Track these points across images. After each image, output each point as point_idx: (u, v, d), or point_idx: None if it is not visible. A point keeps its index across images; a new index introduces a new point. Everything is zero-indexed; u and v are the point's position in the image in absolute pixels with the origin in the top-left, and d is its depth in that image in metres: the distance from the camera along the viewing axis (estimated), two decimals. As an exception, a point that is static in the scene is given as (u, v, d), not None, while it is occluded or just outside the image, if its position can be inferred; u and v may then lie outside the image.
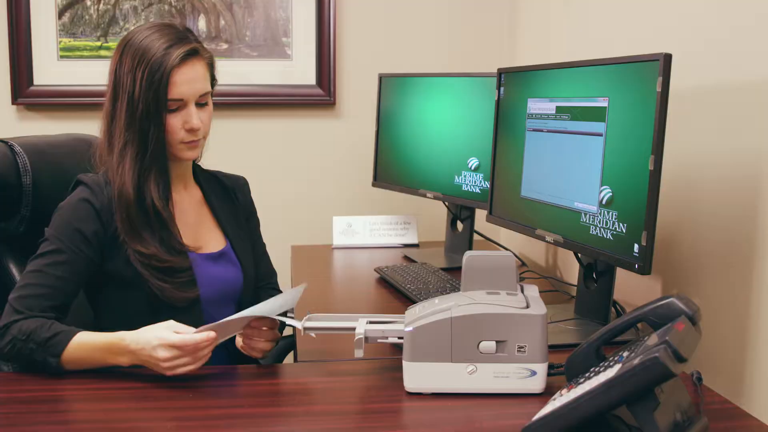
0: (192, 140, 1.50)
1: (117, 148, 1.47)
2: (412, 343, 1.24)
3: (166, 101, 1.44)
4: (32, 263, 1.42)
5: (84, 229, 1.44)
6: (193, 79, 1.47)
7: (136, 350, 1.29)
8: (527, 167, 1.79)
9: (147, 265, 1.46)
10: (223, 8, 2.65)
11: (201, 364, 1.30)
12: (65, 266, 1.42)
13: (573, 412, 1.00)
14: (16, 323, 1.35)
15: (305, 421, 1.20)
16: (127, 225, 1.46)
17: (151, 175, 1.48)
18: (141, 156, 1.46)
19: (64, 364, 1.33)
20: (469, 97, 2.19)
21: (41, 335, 1.33)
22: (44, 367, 1.33)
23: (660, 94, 1.33)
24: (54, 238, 1.43)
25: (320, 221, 2.68)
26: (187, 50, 1.45)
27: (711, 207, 1.48)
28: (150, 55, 1.43)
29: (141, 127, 1.45)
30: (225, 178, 1.71)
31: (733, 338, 1.40)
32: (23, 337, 1.33)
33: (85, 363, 1.34)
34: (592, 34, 2.03)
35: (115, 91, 1.48)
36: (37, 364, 1.34)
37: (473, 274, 1.31)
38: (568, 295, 1.94)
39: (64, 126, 2.10)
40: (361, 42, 2.71)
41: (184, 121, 1.48)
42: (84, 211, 1.45)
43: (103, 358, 1.33)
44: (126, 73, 1.45)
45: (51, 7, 2.57)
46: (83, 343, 1.33)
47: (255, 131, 2.70)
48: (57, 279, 1.41)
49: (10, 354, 1.35)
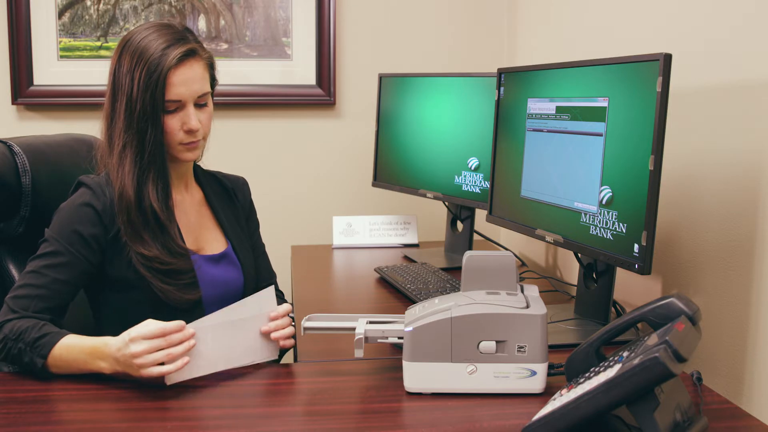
0: (191, 141, 1.49)
1: (116, 150, 1.47)
2: (412, 343, 1.24)
3: (163, 102, 1.44)
4: (31, 264, 1.42)
5: (84, 231, 1.44)
6: (191, 79, 1.46)
7: (114, 353, 1.26)
8: (527, 167, 1.79)
9: (149, 268, 1.45)
10: (223, 8, 2.65)
11: (179, 363, 1.24)
12: (63, 268, 1.42)
13: (573, 412, 1.00)
14: (9, 322, 1.35)
15: (305, 421, 1.20)
16: (128, 227, 1.45)
17: (150, 177, 1.47)
18: (140, 158, 1.46)
19: (50, 367, 1.32)
20: (469, 97, 2.19)
21: (31, 335, 1.32)
22: (31, 369, 1.32)
23: (660, 94, 1.33)
24: (53, 239, 1.43)
25: (320, 221, 2.68)
26: (185, 50, 1.45)
27: (711, 207, 1.47)
28: (148, 55, 1.43)
29: (139, 128, 1.44)
30: (225, 179, 1.71)
31: (733, 338, 1.40)
32: (14, 336, 1.33)
33: (69, 367, 1.32)
34: (592, 34, 2.03)
35: (114, 92, 1.47)
36: (24, 365, 1.33)
37: (473, 274, 1.31)
38: (568, 295, 1.93)
39: (63, 126, 2.11)
40: (361, 42, 2.71)
41: (182, 123, 1.47)
42: (85, 214, 1.45)
43: (85, 362, 1.31)
44: (124, 74, 1.45)
45: (51, 7, 2.57)
46: (69, 346, 1.32)
47: (255, 131, 2.70)
48: (54, 281, 1.40)
49: (1, 353, 1.35)
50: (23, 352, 1.32)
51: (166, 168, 1.50)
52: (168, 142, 1.48)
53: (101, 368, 1.30)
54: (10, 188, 1.59)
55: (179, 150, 1.50)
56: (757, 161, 1.34)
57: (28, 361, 1.32)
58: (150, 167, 1.47)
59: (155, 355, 1.24)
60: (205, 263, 1.56)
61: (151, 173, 1.47)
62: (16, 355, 1.33)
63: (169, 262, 1.47)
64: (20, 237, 1.62)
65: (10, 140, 1.64)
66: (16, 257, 1.63)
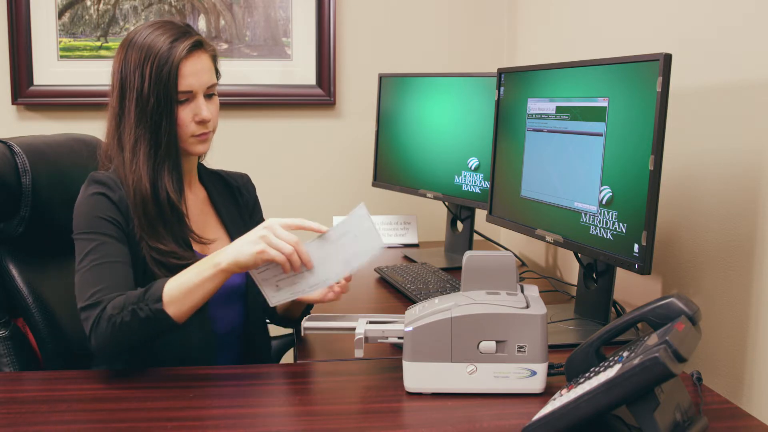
0: (202, 132, 1.50)
1: (129, 146, 1.47)
2: (412, 343, 1.24)
3: (176, 93, 1.45)
4: (79, 270, 1.39)
5: (106, 215, 1.43)
6: (201, 70, 1.48)
7: (232, 244, 1.33)
8: (527, 167, 1.79)
9: (162, 264, 1.45)
10: (223, 8, 2.65)
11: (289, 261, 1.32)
12: (109, 253, 1.39)
13: (573, 412, 1.00)
14: (104, 309, 1.32)
15: (305, 421, 1.20)
16: (144, 221, 1.45)
17: (165, 169, 1.48)
18: (154, 151, 1.47)
19: (168, 306, 1.30)
20: (469, 97, 2.19)
21: (133, 297, 1.31)
22: (151, 325, 1.29)
23: (660, 94, 1.33)
24: (83, 237, 1.41)
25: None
26: (193, 42, 1.47)
27: (711, 207, 1.48)
28: (156, 50, 1.44)
29: (153, 121, 1.45)
30: (229, 177, 1.71)
31: (733, 338, 1.40)
32: (117, 310, 1.30)
33: (186, 291, 1.30)
34: (591, 34, 2.03)
35: (122, 90, 1.47)
36: (142, 323, 1.29)
37: (473, 274, 1.31)
38: (568, 295, 1.93)
39: (63, 126, 2.10)
40: (361, 42, 2.71)
41: (194, 114, 1.48)
42: (102, 202, 1.44)
43: (199, 273, 1.31)
44: (132, 71, 1.45)
45: (51, 7, 2.57)
46: (176, 278, 1.32)
47: (255, 131, 2.70)
48: (110, 268, 1.38)
49: (113, 333, 1.30)
50: (136, 311, 1.29)
51: (180, 160, 1.51)
52: (180, 135, 1.49)
53: (218, 264, 1.31)
54: (10, 188, 1.59)
55: (191, 142, 1.51)
56: (757, 161, 1.34)
57: (145, 314, 1.29)
58: (165, 160, 1.47)
59: (284, 245, 1.31)
60: None
61: (166, 165, 1.48)
62: (128, 322, 1.30)
63: (183, 255, 1.47)
64: (20, 237, 1.62)
65: (10, 140, 1.63)
66: (16, 257, 1.63)
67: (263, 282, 1.36)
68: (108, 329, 1.30)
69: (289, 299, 1.36)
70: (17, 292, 1.59)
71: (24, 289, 1.60)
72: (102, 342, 1.32)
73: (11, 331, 1.57)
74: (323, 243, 1.38)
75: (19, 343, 1.57)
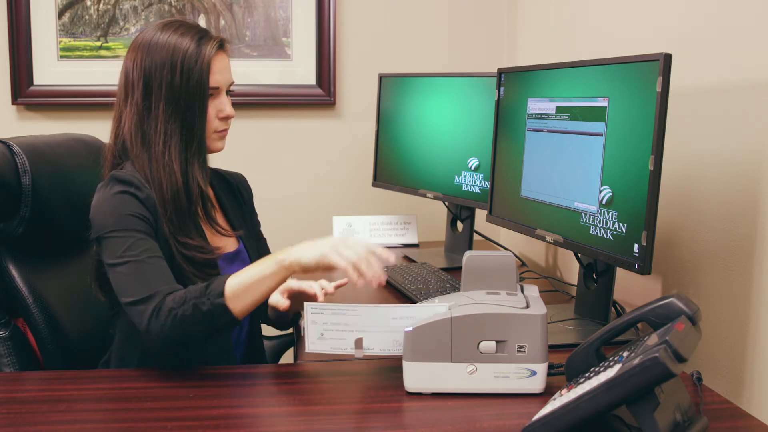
0: (224, 129, 1.54)
1: (159, 141, 1.46)
2: (412, 343, 1.24)
3: (208, 88, 1.48)
4: (118, 265, 1.36)
5: (138, 213, 1.40)
6: (225, 68, 1.53)
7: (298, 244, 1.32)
8: (527, 167, 1.79)
9: (189, 259, 1.44)
10: (223, 8, 2.65)
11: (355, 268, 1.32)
12: (147, 246, 1.38)
13: (573, 412, 1.00)
14: (163, 301, 1.30)
15: (305, 421, 1.20)
16: (174, 216, 1.45)
17: (196, 164, 1.49)
18: (187, 146, 1.48)
19: (230, 301, 1.29)
20: (469, 97, 2.19)
21: (195, 291, 1.30)
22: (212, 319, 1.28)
23: (660, 94, 1.33)
24: (119, 235, 1.38)
25: (320, 221, 2.67)
26: (219, 41, 1.51)
27: (711, 207, 1.48)
28: (184, 47, 1.46)
29: (185, 117, 1.47)
30: (228, 176, 1.72)
31: (733, 338, 1.40)
32: (179, 304, 1.29)
33: (248, 286, 1.29)
34: (592, 34, 2.03)
35: (147, 88, 1.46)
36: (204, 317, 1.28)
37: (473, 274, 1.31)
38: (568, 295, 1.93)
39: (63, 126, 2.10)
40: (361, 42, 2.71)
41: (218, 110, 1.51)
42: (128, 200, 1.41)
43: (262, 270, 1.30)
44: (158, 69, 1.45)
45: (51, 7, 2.57)
46: (237, 274, 1.31)
47: (255, 131, 2.70)
48: (154, 260, 1.36)
49: (173, 325, 1.29)
50: (198, 305, 1.28)
51: (206, 156, 1.53)
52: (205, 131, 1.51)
53: (281, 261, 1.30)
54: (10, 188, 1.59)
55: (213, 138, 1.53)
56: (757, 161, 1.35)
57: (207, 308, 1.28)
58: (197, 154, 1.49)
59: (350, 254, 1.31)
60: (222, 261, 1.56)
61: (197, 160, 1.49)
62: (189, 315, 1.28)
63: (210, 249, 1.48)
64: (20, 237, 1.61)
65: (10, 140, 1.63)
66: (16, 257, 1.62)
67: (311, 324, 1.31)
68: (168, 321, 1.29)
69: (325, 351, 1.31)
70: (17, 292, 1.59)
71: (24, 289, 1.60)
72: (160, 333, 1.29)
73: (11, 331, 1.57)
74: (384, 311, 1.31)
75: (19, 343, 1.57)
